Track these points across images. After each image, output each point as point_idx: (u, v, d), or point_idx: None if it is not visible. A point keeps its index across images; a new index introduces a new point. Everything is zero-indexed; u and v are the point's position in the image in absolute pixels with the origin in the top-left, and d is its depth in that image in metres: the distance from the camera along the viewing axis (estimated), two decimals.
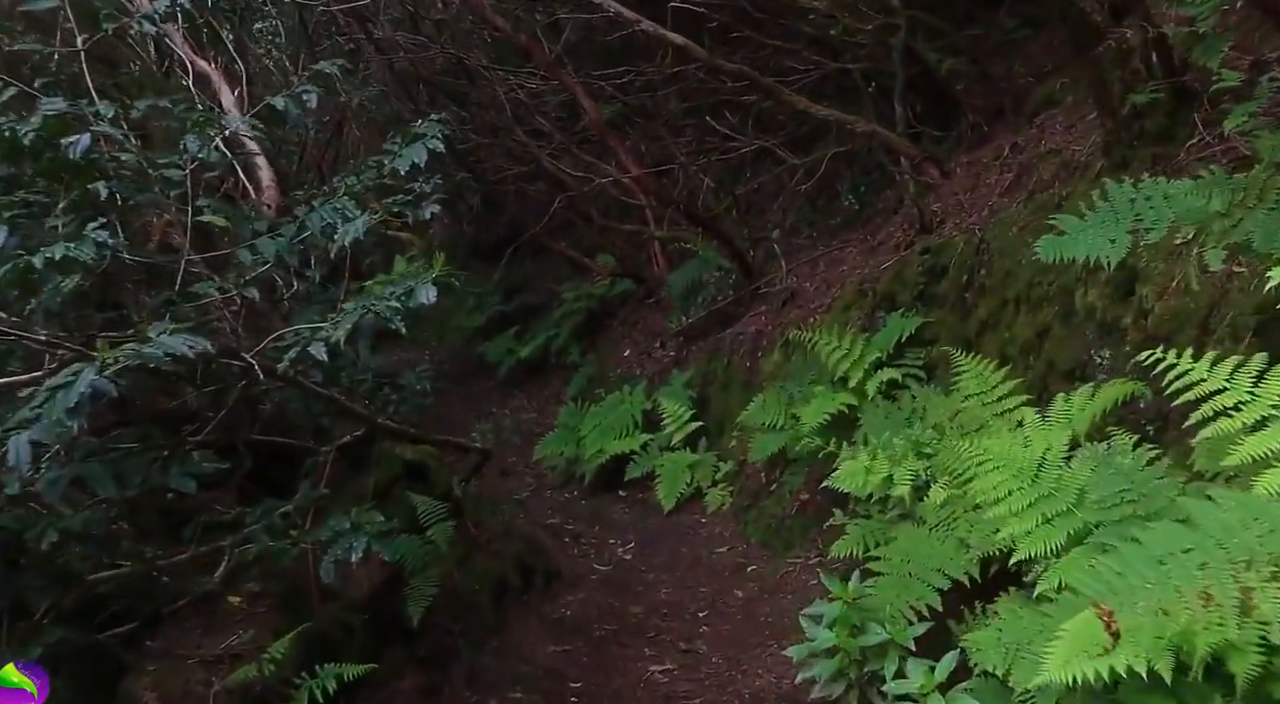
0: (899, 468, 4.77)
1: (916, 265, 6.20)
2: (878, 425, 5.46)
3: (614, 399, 9.15)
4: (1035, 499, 3.62)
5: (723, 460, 7.97)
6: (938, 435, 4.90)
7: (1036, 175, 5.98)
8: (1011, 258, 5.48)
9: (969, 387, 5.03)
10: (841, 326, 7.02)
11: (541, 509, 9.01)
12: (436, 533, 4.73)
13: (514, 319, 13.19)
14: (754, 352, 8.18)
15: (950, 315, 5.95)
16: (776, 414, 6.86)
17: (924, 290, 6.16)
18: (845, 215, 9.03)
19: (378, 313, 3.55)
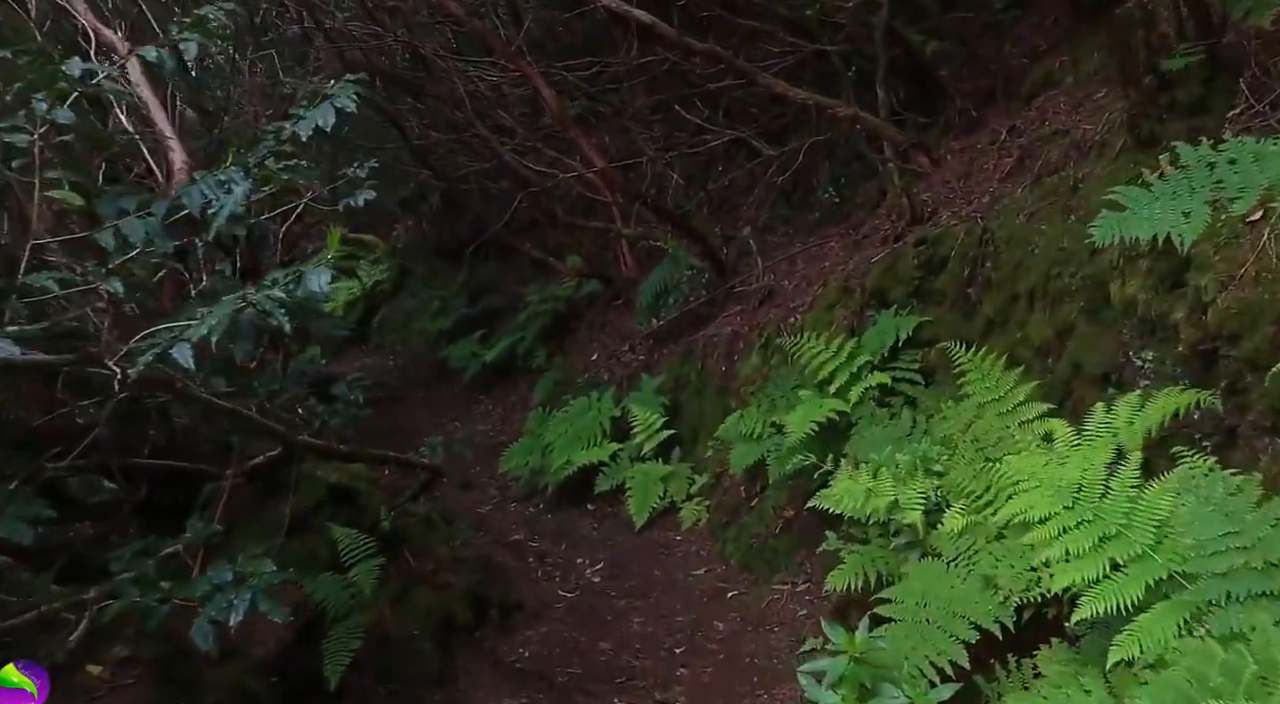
0: (906, 489, 3.95)
1: (911, 258, 5.40)
2: (876, 438, 4.65)
3: (581, 405, 8.28)
4: (1098, 540, 2.80)
5: (698, 472, 7.12)
6: (949, 450, 4.08)
7: (1042, 158, 5.20)
8: (1021, 248, 4.69)
9: (978, 393, 4.22)
10: (826, 327, 6.21)
11: (505, 524, 8.12)
12: (360, 574, 3.82)
13: (479, 322, 12.28)
14: (729, 354, 7.34)
15: (951, 313, 5.16)
16: (757, 423, 6.03)
17: (920, 285, 5.36)
18: (824, 209, 8.22)
19: (256, 306, 2.65)
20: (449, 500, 8.92)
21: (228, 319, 2.56)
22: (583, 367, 9.66)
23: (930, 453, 4.03)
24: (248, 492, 3.99)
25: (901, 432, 4.60)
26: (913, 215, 5.98)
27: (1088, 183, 4.59)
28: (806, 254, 7.74)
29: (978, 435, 4.00)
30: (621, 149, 10.00)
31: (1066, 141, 5.13)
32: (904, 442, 4.43)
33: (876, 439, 4.58)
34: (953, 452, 4.06)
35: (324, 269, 2.75)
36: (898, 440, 4.47)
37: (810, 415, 5.24)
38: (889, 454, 4.14)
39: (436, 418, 11.55)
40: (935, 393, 5.07)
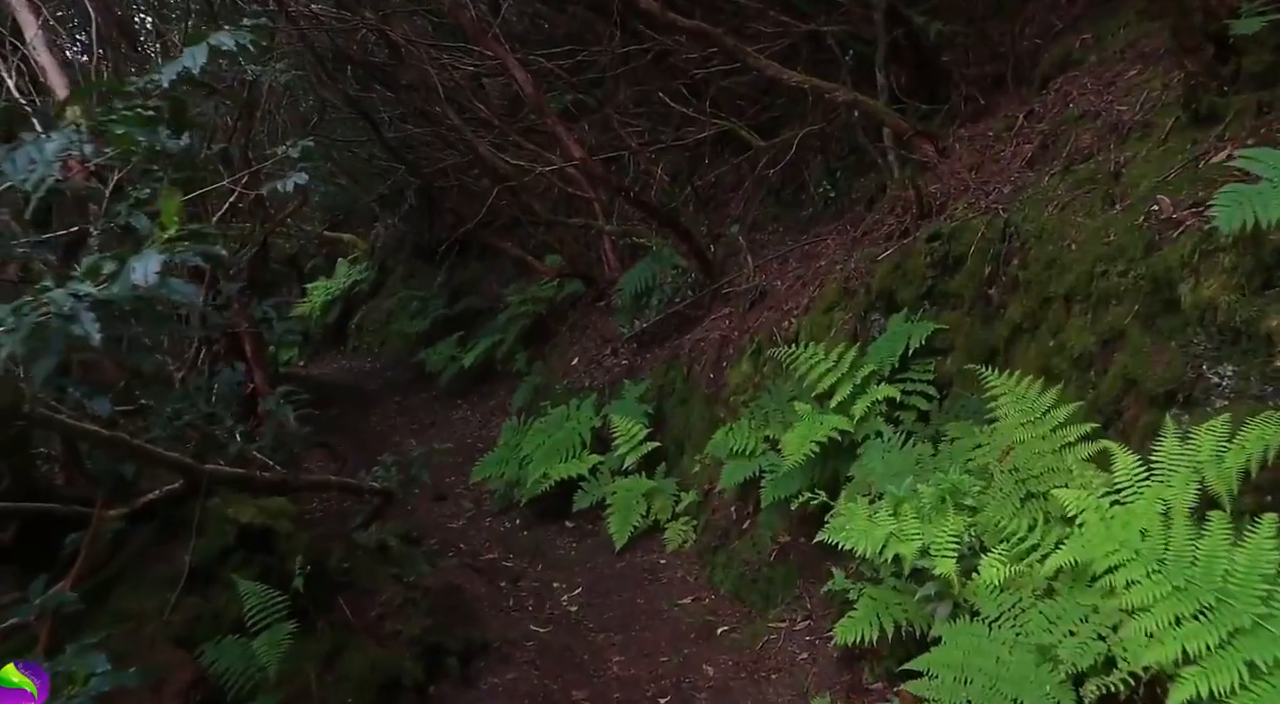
0: (933, 529, 3.20)
1: (922, 256, 4.66)
2: (892, 465, 3.90)
3: (559, 414, 7.52)
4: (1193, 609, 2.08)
5: (684, 489, 6.37)
6: (983, 482, 3.34)
7: (1070, 143, 4.47)
8: (1054, 243, 3.95)
9: (1012, 413, 3.48)
10: (824, 332, 5.47)
11: (478, 541, 7.35)
12: (263, 646, 3.01)
13: (458, 323, 11.51)
14: (718, 361, 6.59)
15: (969, 318, 4.42)
16: (748, 438, 5.28)
17: (933, 286, 4.62)
18: (818, 205, 7.48)
19: (52, 308, 1.84)
20: (420, 514, 8.16)
21: (27, 328, 1.78)
22: (563, 371, 8.89)
23: (961, 484, 3.29)
24: (142, 534, 3.22)
25: (919, 456, 3.85)
26: (920, 209, 5.24)
27: (1132, 168, 3.86)
28: (800, 252, 7.00)
29: (1017, 464, 3.26)
30: (605, 144, 9.24)
31: (1098, 124, 4.40)
32: (925, 469, 3.69)
33: (893, 466, 3.83)
34: (987, 483, 3.32)
35: (153, 254, 1.97)
36: (916, 466, 3.72)
37: (809, 435, 4.50)
38: (910, 486, 3.39)
39: (413, 423, 10.78)
40: (951, 411, 4.34)
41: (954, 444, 3.77)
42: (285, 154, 3.66)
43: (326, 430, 10.58)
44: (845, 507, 4.23)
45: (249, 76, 7.82)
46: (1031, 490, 3.19)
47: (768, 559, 5.18)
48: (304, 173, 3.51)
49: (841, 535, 3.59)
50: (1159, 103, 4.10)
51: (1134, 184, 3.75)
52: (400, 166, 9.91)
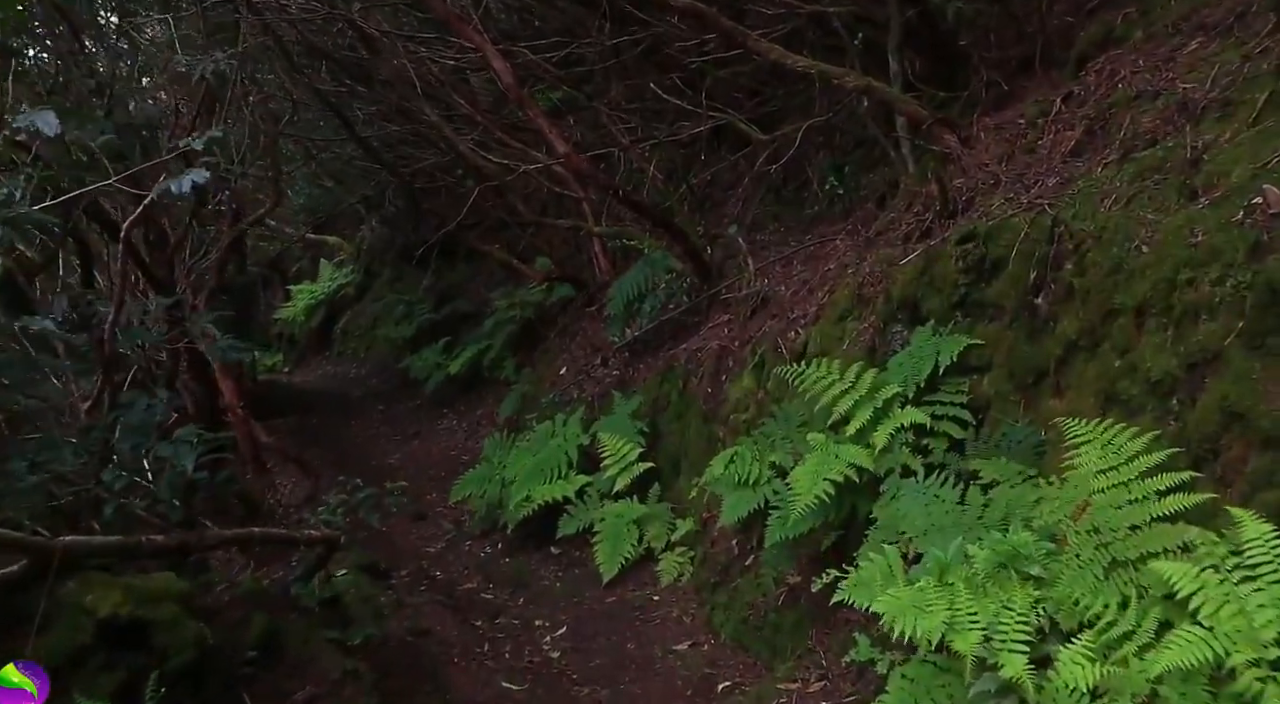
0: (991, 606, 2.46)
1: (953, 260, 3.92)
2: (932, 514, 3.16)
3: (545, 430, 6.77)
4: None
5: (680, 515, 5.63)
6: (1052, 545, 2.59)
7: (1126, 128, 3.73)
8: (1119, 244, 3.21)
9: (1088, 458, 2.74)
10: (836, 344, 4.73)
11: (457, 567, 6.62)
12: None
13: (444, 329, 10.76)
14: (716, 373, 5.85)
15: (1011, 331, 3.67)
16: (751, 465, 4.54)
17: (966, 294, 3.88)
18: (823, 203, 6.74)
19: None
20: (397, 535, 7.42)
21: None
22: (551, 381, 8.15)
23: (1023, 547, 2.55)
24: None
25: (967, 506, 3.10)
26: (944, 205, 4.50)
27: (1215, 153, 3.13)
28: (804, 254, 6.26)
29: (1097, 523, 2.51)
30: (595, 142, 8.50)
31: (1159, 105, 3.66)
32: (971, 520, 2.95)
33: (934, 518, 3.09)
34: (1057, 546, 2.58)
35: None
36: (962, 518, 2.98)
37: (823, 470, 3.76)
38: (958, 549, 2.65)
39: (396, 433, 10.04)
40: (992, 437, 3.60)
41: (1008, 490, 3.02)
42: (188, 146, 2.92)
43: (304, 442, 9.83)
44: (869, 557, 3.50)
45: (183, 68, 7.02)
46: (1118, 557, 2.45)
47: (774, 603, 4.45)
48: (205, 169, 2.78)
49: (868, 599, 2.85)
50: (1239, 78, 3.36)
51: (1221, 172, 3.01)
52: (379, 165, 9.12)
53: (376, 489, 4.09)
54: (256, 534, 3.27)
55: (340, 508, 3.85)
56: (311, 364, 13.33)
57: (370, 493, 3.94)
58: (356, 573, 5.51)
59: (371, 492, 3.96)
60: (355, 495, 3.89)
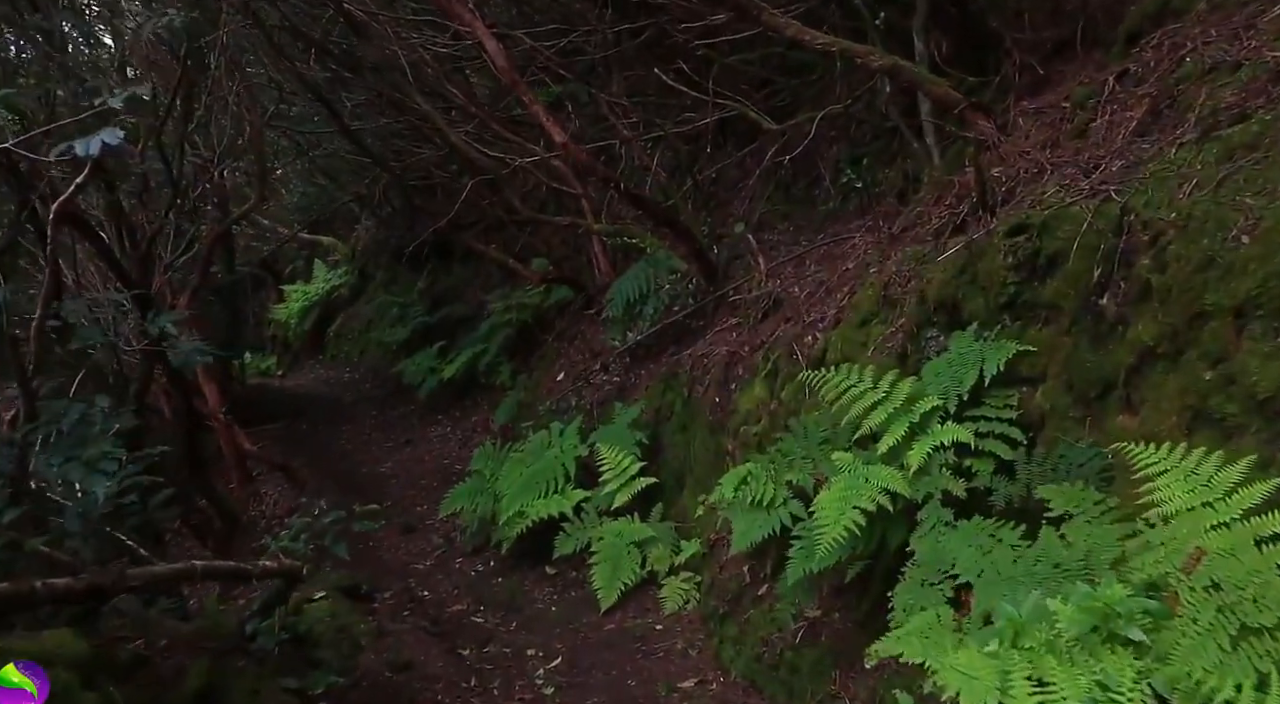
0: (1086, 681, 1.91)
1: (1000, 255, 3.37)
2: (997, 560, 2.61)
3: (540, 440, 6.23)
4: None
5: (685, 536, 5.09)
6: (1159, 606, 2.05)
7: (1203, 103, 3.19)
8: (1210, 234, 2.67)
9: (1177, 492, 2.20)
10: (860, 350, 4.19)
11: (446, 586, 6.08)
12: None
13: (439, 332, 10.22)
14: (725, 381, 5.31)
15: (1070, 336, 3.13)
16: (765, 485, 3.99)
17: (1016, 294, 3.33)
18: (835, 199, 6.21)
19: None
20: (384, 550, 6.88)
21: None
22: (548, 388, 7.61)
23: (1119, 604, 2.01)
24: None
25: (1042, 549, 2.54)
26: (982, 197, 3.96)
27: None
28: (818, 254, 5.73)
29: (1217, 578, 1.97)
30: (595, 138, 7.97)
31: (1245, 76, 3.13)
32: (1045, 566, 2.40)
33: (998, 563, 2.54)
34: (1162, 605, 2.04)
35: None
36: (1034, 564, 2.43)
37: (852, 497, 3.21)
38: (1034, 607, 2.11)
39: (388, 440, 9.51)
40: (1049, 458, 3.06)
41: (1086, 526, 2.48)
42: (107, 103, 2.39)
43: (292, 449, 9.29)
44: (906, 598, 2.97)
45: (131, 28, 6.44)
46: (1249, 623, 1.91)
47: (792, 639, 3.90)
48: (119, 130, 2.26)
49: (922, 655, 2.32)
50: None
51: None
52: (370, 159, 8.58)
53: (343, 512, 3.54)
54: (198, 570, 2.73)
55: (304, 533, 3.32)
56: (305, 367, 12.78)
57: (336, 517, 3.40)
58: (334, 596, 4.98)
59: (338, 516, 3.43)
60: (320, 520, 3.35)
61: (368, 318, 11.75)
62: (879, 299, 4.27)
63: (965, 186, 4.18)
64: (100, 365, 6.63)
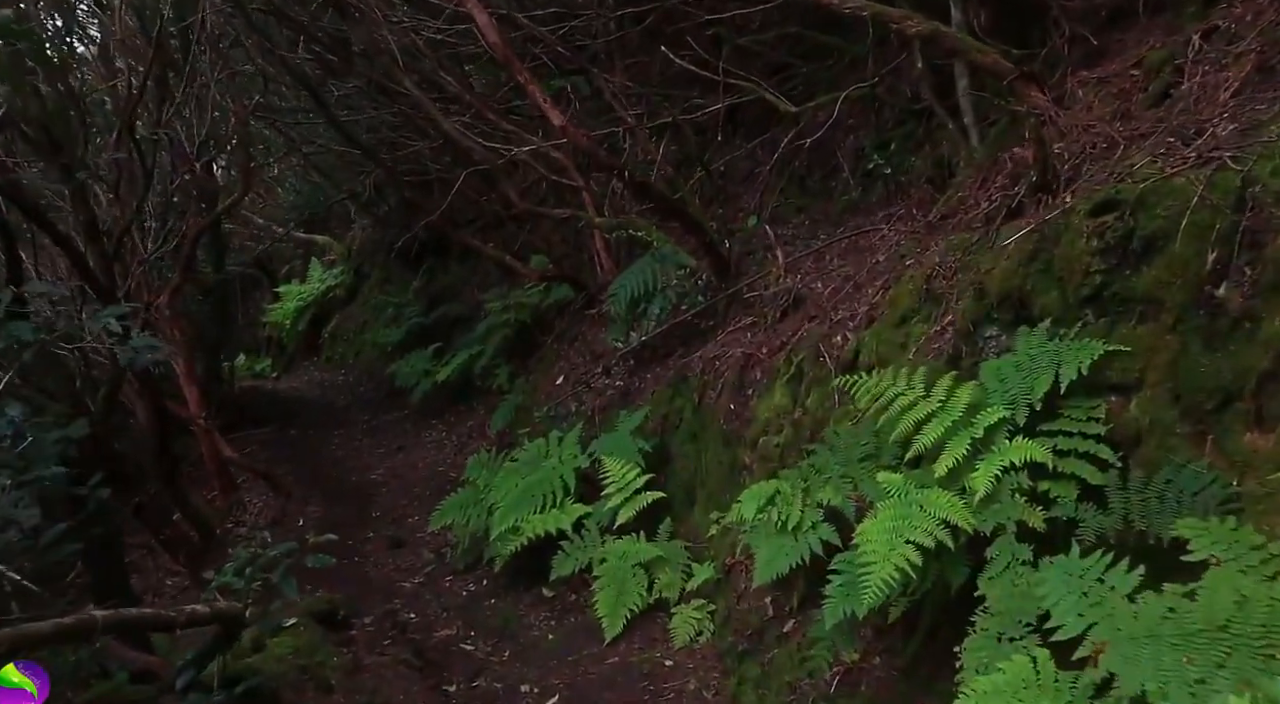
0: None
1: (1083, 238, 2.75)
2: (1110, 614, 1.98)
3: (537, 449, 5.60)
4: None
5: (697, 559, 4.47)
6: None
7: None
8: None
9: None
10: (898, 352, 3.57)
11: (434, 609, 5.46)
12: None
13: (435, 333, 9.60)
14: (740, 386, 4.69)
15: (1176, 335, 2.51)
16: (792, 505, 3.37)
17: (1103, 284, 2.71)
18: (855, 190, 5.60)
19: None
20: (371, 566, 6.25)
21: None
22: (547, 392, 6.99)
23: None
24: None
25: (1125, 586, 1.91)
26: (1044, 176, 3.34)
27: None
28: (841, 247, 5.11)
29: None
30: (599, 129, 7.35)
31: None
32: (1187, 629, 1.78)
33: (1120, 620, 1.90)
34: None
35: None
36: (1148, 616, 1.81)
37: (904, 528, 2.61)
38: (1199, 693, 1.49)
39: (379, 446, 8.88)
40: (1154, 484, 2.43)
41: (1239, 577, 1.85)
42: None
43: (279, 455, 8.67)
44: (979, 655, 2.35)
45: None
46: None
47: (825, 688, 3.27)
48: None
49: None
50: None
51: None
52: (360, 151, 7.95)
53: (296, 543, 2.92)
54: (98, 622, 2.12)
55: (249, 567, 2.70)
56: (299, 369, 12.16)
57: (286, 549, 2.78)
58: (307, 624, 4.35)
59: (288, 547, 2.80)
60: (266, 553, 2.74)
61: (363, 319, 11.13)
62: (920, 294, 3.65)
63: (1021, 165, 3.57)
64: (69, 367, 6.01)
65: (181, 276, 7.46)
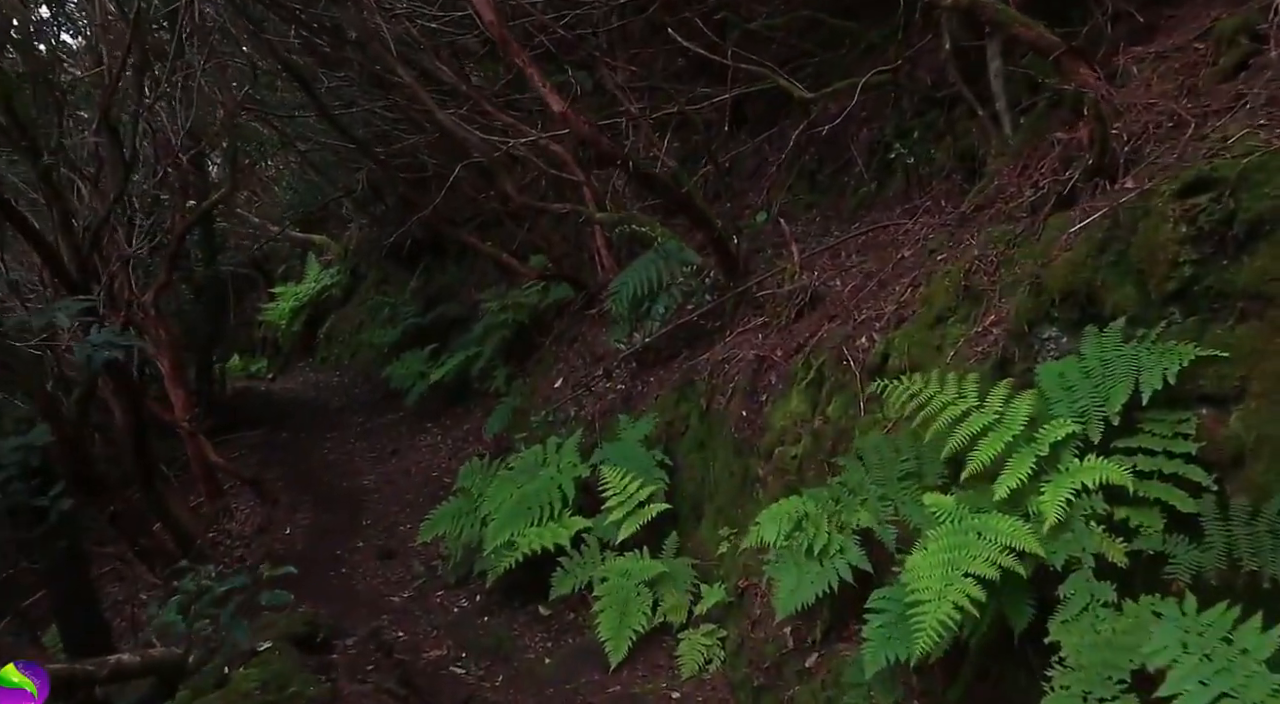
0: None
1: (1170, 223, 2.31)
2: (1228, 680, 1.53)
3: (534, 456, 5.15)
4: None
5: (706, 579, 4.02)
6: None
7: None
8: None
9: None
10: (932, 355, 3.13)
11: (423, 626, 5.01)
12: None
13: (432, 334, 9.14)
14: (752, 391, 4.24)
15: None
16: (819, 528, 2.93)
17: (1194, 278, 2.28)
18: (869, 184, 5.16)
19: None
20: (358, 578, 5.81)
21: None
22: (545, 395, 6.54)
23: None
24: None
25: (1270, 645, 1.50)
26: (1101, 158, 2.90)
27: None
28: (858, 243, 4.68)
29: None
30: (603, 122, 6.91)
31: None
32: None
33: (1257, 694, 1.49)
34: None
35: None
36: None
37: (961, 560, 2.18)
38: None
39: (372, 450, 8.41)
40: (1267, 514, 1.99)
41: None
42: None
43: (270, 459, 8.21)
44: None
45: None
46: None
47: None
48: None
49: None
50: None
51: None
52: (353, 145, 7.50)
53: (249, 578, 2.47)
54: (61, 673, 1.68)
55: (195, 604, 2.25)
56: (295, 370, 11.70)
57: (238, 583, 2.33)
58: (283, 648, 3.89)
59: (239, 581, 2.36)
60: (214, 587, 2.29)
61: (359, 319, 10.68)
62: (957, 291, 3.21)
63: (1072, 147, 3.13)
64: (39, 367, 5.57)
65: (167, 274, 7.01)
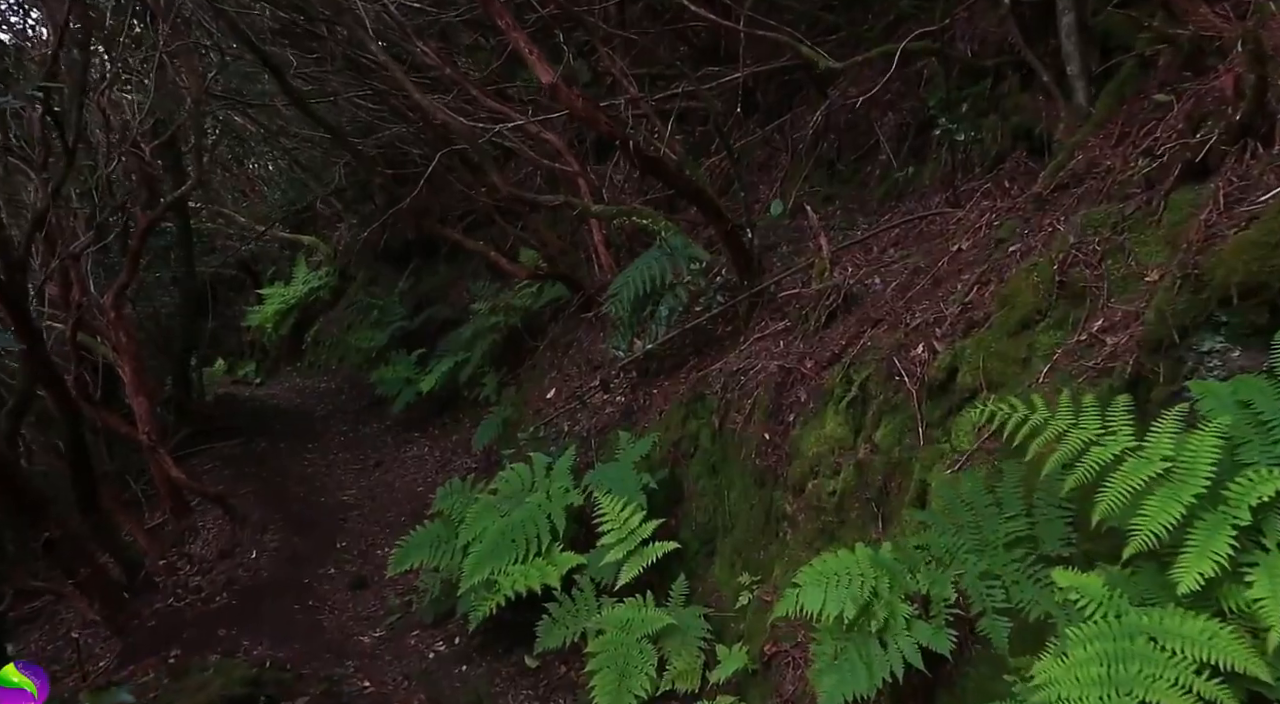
0: None
1: None
2: None
3: (519, 478, 4.32)
4: None
5: (722, 636, 3.20)
6: None
7: None
8: None
9: None
10: (1015, 370, 2.32)
11: (394, 672, 4.19)
12: None
13: (420, 338, 8.33)
14: (775, 408, 3.43)
15: None
16: (871, 590, 2.11)
17: None
18: (904, 170, 4.36)
19: None
20: (327, 613, 4.97)
21: None
22: (536, 407, 5.73)
23: None
24: None
25: None
26: (1253, 114, 2.10)
27: None
28: (893, 235, 3.88)
29: None
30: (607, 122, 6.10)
31: None
32: None
33: None
34: None
35: None
36: None
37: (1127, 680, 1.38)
38: None
39: (355, 461, 7.58)
40: None
41: None
42: None
43: (245, 472, 7.37)
44: None
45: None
46: None
47: None
48: None
49: None
50: None
51: None
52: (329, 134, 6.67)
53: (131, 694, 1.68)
54: None
55: None
56: (282, 375, 10.87)
57: None
58: None
59: None
60: None
61: (347, 322, 9.85)
62: (1049, 288, 2.41)
63: (1209, 101, 2.33)
64: None
65: (128, 274, 6.18)
